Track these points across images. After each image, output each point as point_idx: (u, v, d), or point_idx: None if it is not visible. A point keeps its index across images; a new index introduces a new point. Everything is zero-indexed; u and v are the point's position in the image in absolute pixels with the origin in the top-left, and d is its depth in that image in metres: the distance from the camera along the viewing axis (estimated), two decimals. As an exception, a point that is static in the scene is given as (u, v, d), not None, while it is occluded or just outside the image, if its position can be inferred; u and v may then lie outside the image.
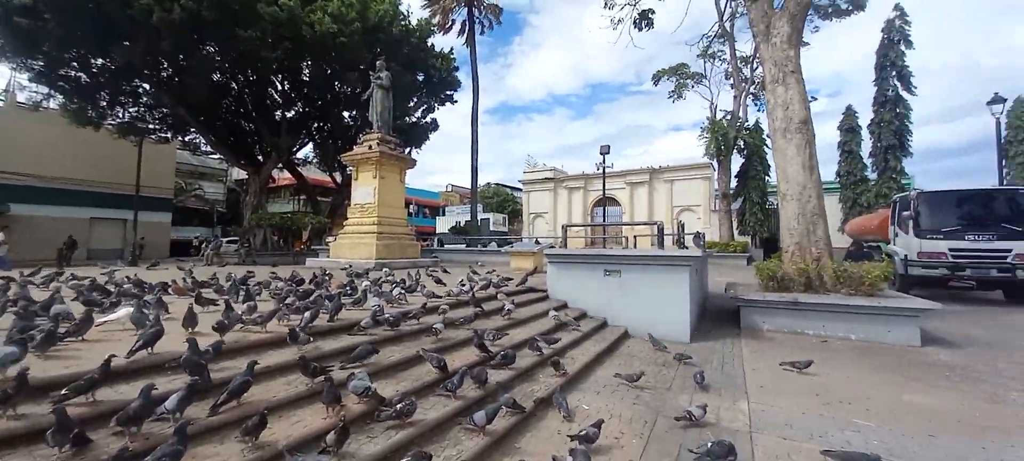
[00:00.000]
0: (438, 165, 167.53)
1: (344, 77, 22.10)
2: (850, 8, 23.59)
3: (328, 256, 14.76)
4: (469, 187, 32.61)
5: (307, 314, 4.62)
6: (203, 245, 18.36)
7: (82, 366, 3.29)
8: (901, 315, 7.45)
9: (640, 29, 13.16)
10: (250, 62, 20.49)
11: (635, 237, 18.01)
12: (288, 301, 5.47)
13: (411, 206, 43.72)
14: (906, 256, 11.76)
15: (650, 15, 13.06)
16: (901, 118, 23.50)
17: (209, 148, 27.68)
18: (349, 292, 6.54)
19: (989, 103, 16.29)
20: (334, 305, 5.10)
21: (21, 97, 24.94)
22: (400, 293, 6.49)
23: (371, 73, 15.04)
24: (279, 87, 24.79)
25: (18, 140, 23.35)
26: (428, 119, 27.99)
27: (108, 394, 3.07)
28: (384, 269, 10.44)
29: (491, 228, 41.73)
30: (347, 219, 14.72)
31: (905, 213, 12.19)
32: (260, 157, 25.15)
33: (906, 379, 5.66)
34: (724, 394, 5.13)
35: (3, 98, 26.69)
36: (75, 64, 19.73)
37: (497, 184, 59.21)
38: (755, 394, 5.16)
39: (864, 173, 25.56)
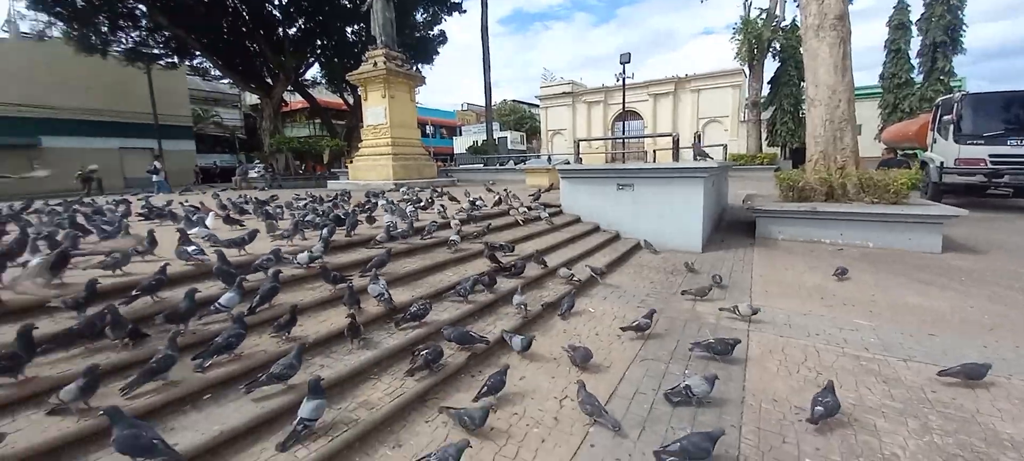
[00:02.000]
0: (454, 84, 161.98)
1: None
2: None
3: (348, 179, 15.07)
4: (485, 106, 31.71)
5: (325, 230, 4.90)
6: (236, 170, 19.20)
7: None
8: (924, 222, 7.33)
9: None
10: None
11: (655, 151, 17.57)
12: (308, 219, 5.77)
13: (427, 126, 43.13)
14: (942, 163, 11.23)
15: None
16: (954, 11, 21.07)
17: (218, 72, 27.36)
18: (366, 210, 6.80)
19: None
20: (350, 221, 5.37)
21: (24, 27, 24.79)
22: (413, 210, 6.74)
23: (367, -20, 14.17)
24: (276, 1, 23.75)
25: (41, 75, 23.36)
26: (436, 31, 26.65)
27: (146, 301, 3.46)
28: (401, 189, 10.68)
29: (508, 147, 41.18)
30: (362, 141, 14.78)
31: (946, 118, 11.42)
32: (269, 79, 24.82)
33: (916, 282, 5.73)
34: (729, 298, 5.34)
35: (6, 30, 26.53)
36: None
37: (514, 101, 57.38)
38: (760, 297, 5.35)
39: (910, 75, 23.58)
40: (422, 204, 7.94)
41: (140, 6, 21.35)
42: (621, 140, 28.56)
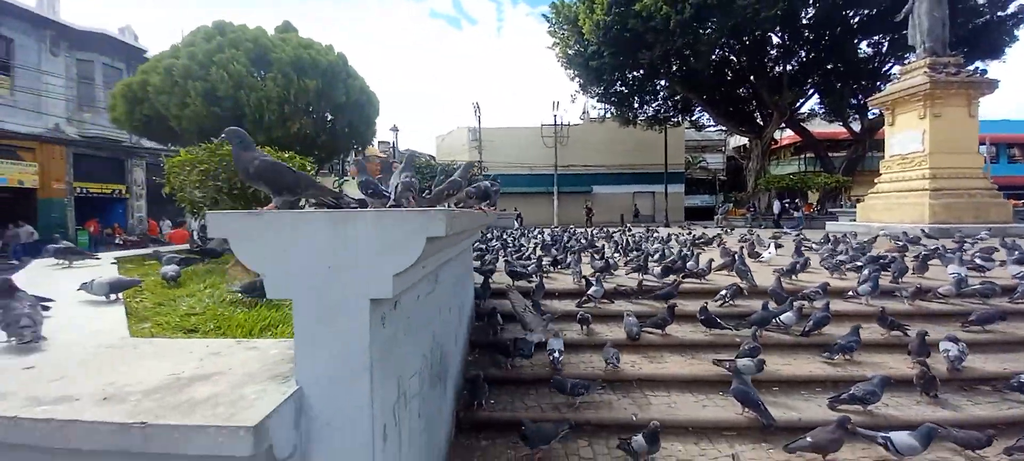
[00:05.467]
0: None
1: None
2: None
3: (852, 220, 13.68)
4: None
5: (871, 273, 4.89)
6: (718, 210, 22.61)
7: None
8: None
9: None
10: (746, 29, 22.05)
11: None
12: (839, 258, 5.94)
13: (983, 145, 31.28)
14: None
15: None
16: None
17: (710, 122, 31.95)
18: (905, 253, 6.15)
19: None
20: (897, 267, 5.10)
21: (593, 114, 39.08)
22: (983, 261, 5.48)
23: (910, -19, 12.31)
24: (775, 41, 24.91)
25: (592, 144, 36.40)
26: (1010, 9, 19.28)
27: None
28: (955, 235, 8.68)
29: None
30: (880, 175, 13.01)
31: None
32: (760, 120, 26.34)
33: None
34: None
35: (583, 119, 42.57)
36: (619, 83, 28.51)
37: None
38: None
39: None
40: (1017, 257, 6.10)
41: (661, 82, 28.46)
42: None
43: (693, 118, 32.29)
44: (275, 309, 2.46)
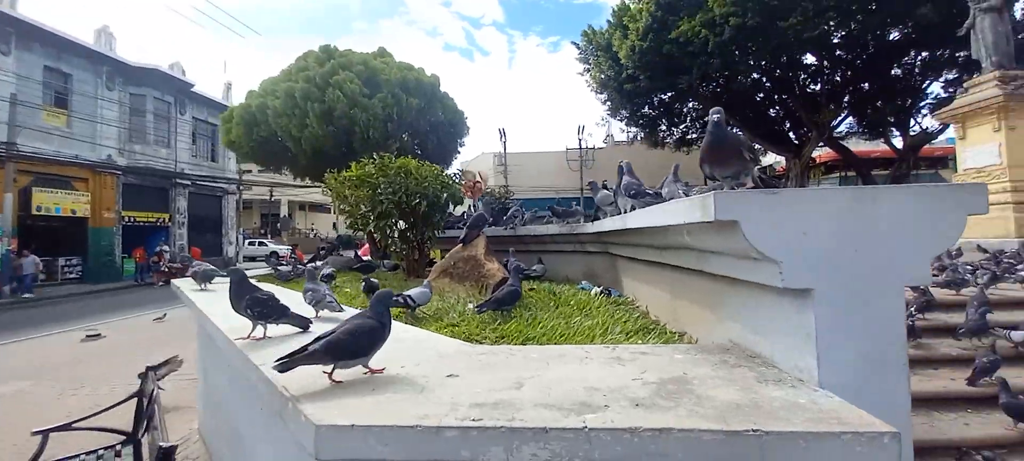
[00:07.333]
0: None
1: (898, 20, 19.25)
2: None
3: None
4: None
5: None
6: None
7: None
8: None
9: None
10: (786, 50, 22.01)
11: None
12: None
13: None
14: None
15: None
16: None
17: (741, 143, 31.84)
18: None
19: None
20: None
21: (620, 137, 39.09)
22: None
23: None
24: (808, 60, 24.94)
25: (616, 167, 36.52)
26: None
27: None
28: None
29: None
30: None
31: None
32: (796, 141, 26.17)
33: None
34: None
35: (606, 142, 42.53)
36: (647, 106, 28.55)
37: None
38: None
39: None
40: None
41: (691, 104, 28.48)
42: None
43: (722, 140, 32.17)
44: (544, 320, 2.30)
